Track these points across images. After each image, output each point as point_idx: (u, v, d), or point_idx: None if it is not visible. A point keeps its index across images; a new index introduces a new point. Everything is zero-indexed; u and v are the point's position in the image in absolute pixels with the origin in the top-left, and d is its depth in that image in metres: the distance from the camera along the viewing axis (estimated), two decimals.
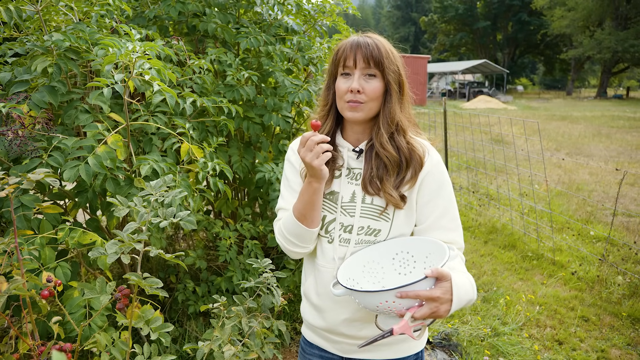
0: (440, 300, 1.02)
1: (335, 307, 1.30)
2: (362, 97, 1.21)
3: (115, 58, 1.57)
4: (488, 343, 3.06)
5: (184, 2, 2.56)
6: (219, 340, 1.31)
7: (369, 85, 1.21)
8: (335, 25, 3.15)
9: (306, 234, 1.25)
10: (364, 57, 1.20)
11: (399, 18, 76.46)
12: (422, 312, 1.02)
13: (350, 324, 1.31)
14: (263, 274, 1.50)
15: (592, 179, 7.91)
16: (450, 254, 1.12)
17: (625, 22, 39.71)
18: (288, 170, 1.38)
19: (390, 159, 1.24)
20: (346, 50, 1.23)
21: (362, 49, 1.20)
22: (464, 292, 1.07)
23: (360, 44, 1.21)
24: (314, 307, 1.35)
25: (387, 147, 1.24)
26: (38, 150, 1.74)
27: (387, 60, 1.21)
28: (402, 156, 1.26)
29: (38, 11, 1.92)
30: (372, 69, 1.21)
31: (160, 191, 1.27)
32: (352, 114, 1.23)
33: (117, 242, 1.19)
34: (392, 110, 1.24)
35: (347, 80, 1.23)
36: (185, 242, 3.47)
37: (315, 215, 1.24)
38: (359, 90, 1.20)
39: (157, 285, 1.22)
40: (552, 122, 17.82)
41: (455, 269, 1.17)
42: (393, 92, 1.23)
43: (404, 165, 1.26)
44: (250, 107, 2.72)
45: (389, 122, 1.24)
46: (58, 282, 1.26)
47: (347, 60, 1.22)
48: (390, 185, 1.24)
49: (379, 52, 1.20)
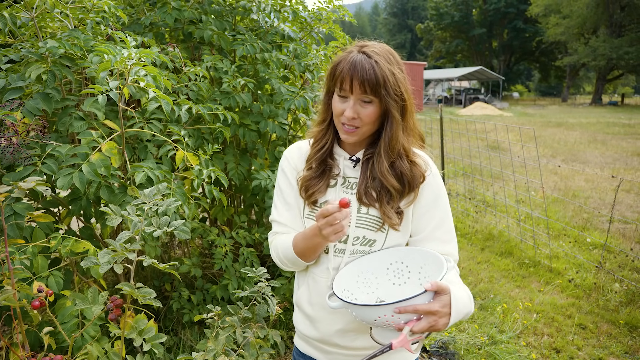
0: (439, 314, 1.01)
1: (329, 318, 1.29)
2: (357, 122, 1.18)
3: (111, 65, 1.56)
4: (485, 351, 3.04)
5: (180, 9, 2.55)
6: (213, 351, 1.29)
7: (365, 111, 1.17)
8: (332, 33, 3.15)
9: (301, 264, 1.28)
10: (360, 83, 1.13)
11: (395, 25, 76.93)
12: (421, 326, 1.01)
13: (344, 335, 1.29)
14: (258, 282, 1.48)
15: (588, 186, 7.93)
16: (448, 266, 1.11)
17: (620, 29, 40.07)
18: (282, 181, 1.36)
19: (394, 188, 1.21)
20: (343, 72, 1.15)
21: (359, 74, 1.13)
22: (462, 305, 1.06)
23: (357, 67, 1.13)
24: (307, 317, 1.33)
25: (388, 178, 1.20)
26: (31, 158, 1.72)
27: (384, 88, 1.14)
28: (405, 181, 1.23)
29: (33, 18, 1.90)
30: (368, 96, 1.15)
31: (154, 200, 1.26)
32: (347, 138, 1.22)
33: (110, 251, 1.17)
34: (394, 137, 1.19)
35: (343, 102, 1.19)
36: (180, 249, 3.45)
37: (315, 256, 1.26)
38: (354, 117, 1.17)
39: (150, 296, 1.20)
40: (548, 128, 17.91)
41: (453, 281, 1.15)
42: (393, 118, 1.18)
43: (406, 190, 1.23)
44: (247, 114, 2.71)
45: (390, 151, 1.21)
46: (49, 292, 1.24)
47: (343, 83, 1.16)
48: (391, 209, 1.22)
49: (376, 80, 1.13)
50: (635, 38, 37.14)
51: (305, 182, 1.29)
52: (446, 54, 59.26)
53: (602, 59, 37.62)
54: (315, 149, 1.30)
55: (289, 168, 1.35)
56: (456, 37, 57.24)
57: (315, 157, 1.29)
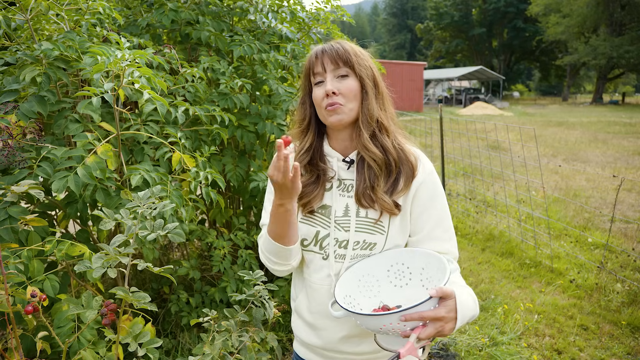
0: (445, 319, 1.00)
1: (332, 325, 1.26)
2: (340, 99, 1.19)
3: (104, 66, 1.54)
4: (486, 353, 3.02)
5: (176, 11, 2.54)
6: (208, 355, 1.27)
7: (343, 84, 1.19)
8: (330, 33, 3.14)
9: (284, 252, 1.21)
10: (331, 58, 1.19)
11: (394, 25, 76.96)
12: (427, 333, 0.99)
13: (347, 341, 1.26)
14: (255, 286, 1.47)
15: (589, 185, 7.90)
16: (450, 268, 1.09)
17: (620, 28, 40.02)
18: (270, 186, 1.34)
19: (376, 160, 1.20)
20: (312, 59, 1.22)
21: (328, 52, 1.20)
22: (467, 309, 1.05)
23: (325, 48, 1.21)
24: (308, 325, 1.30)
25: (370, 148, 1.20)
26: (26, 161, 1.70)
27: (355, 57, 1.20)
28: (390, 157, 1.22)
29: (27, 20, 1.89)
30: (342, 69, 1.19)
31: (148, 203, 1.24)
32: (334, 117, 1.19)
33: (103, 255, 1.15)
34: (370, 107, 1.21)
35: (322, 87, 1.21)
36: (179, 251, 3.43)
37: (292, 233, 1.19)
38: (334, 91, 1.17)
39: (145, 300, 1.19)
40: (549, 128, 17.88)
41: (456, 283, 1.14)
42: (369, 88, 1.21)
43: (392, 166, 1.22)
44: (245, 115, 2.70)
45: (368, 120, 1.21)
46: (43, 297, 1.23)
47: (315, 67, 1.21)
48: (381, 190, 1.20)
49: (345, 51, 1.20)
50: (635, 37, 37.09)
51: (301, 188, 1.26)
52: (446, 53, 59.25)
53: (603, 58, 37.57)
54: (299, 149, 1.29)
55: None
56: (456, 36, 57.22)
57: (301, 157, 1.27)
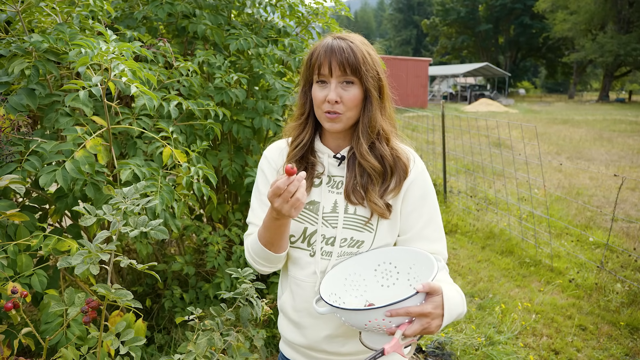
0: (431, 315, 0.98)
1: (316, 323, 1.24)
2: (340, 108, 1.15)
3: (89, 59, 1.51)
4: (482, 352, 3.00)
5: (172, 3, 2.51)
6: (192, 354, 1.25)
7: (347, 93, 1.14)
8: (329, 28, 3.10)
9: (274, 258, 1.20)
10: (340, 64, 1.12)
11: (400, 21, 76.56)
12: (413, 329, 0.97)
13: (332, 340, 1.24)
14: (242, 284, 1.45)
15: (593, 184, 7.84)
16: (438, 265, 1.07)
17: (628, 25, 39.60)
18: (260, 182, 1.31)
19: (374, 169, 1.18)
20: (320, 56, 1.14)
21: (337, 55, 1.12)
22: (454, 306, 1.03)
23: (335, 49, 1.12)
24: (293, 323, 1.28)
25: (368, 158, 1.18)
26: (14, 155, 1.68)
27: (364, 65, 1.13)
28: (386, 165, 1.20)
29: (18, 12, 1.87)
30: (349, 77, 1.13)
31: (132, 198, 1.22)
32: (331, 125, 1.17)
33: (85, 252, 1.13)
34: (373, 117, 1.17)
35: (324, 89, 1.16)
36: (176, 246, 3.42)
37: (284, 242, 1.18)
38: (337, 100, 1.13)
39: (127, 298, 1.17)
40: (554, 125, 17.75)
41: (444, 280, 1.12)
42: (373, 98, 1.16)
43: (388, 174, 1.20)
44: (241, 110, 2.67)
45: (369, 131, 1.18)
46: (24, 294, 1.21)
47: (321, 67, 1.14)
48: (375, 194, 1.18)
49: (355, 58, 1.12)
50: None
51: None
52: (452, 50, 58.86)
53: (610, 56, 37.19)
54: (294, 144, 1.26)
55: (268, 168, 1.30)
56: (462, 33, 56.81)
57: (294, 154, 1.24)
